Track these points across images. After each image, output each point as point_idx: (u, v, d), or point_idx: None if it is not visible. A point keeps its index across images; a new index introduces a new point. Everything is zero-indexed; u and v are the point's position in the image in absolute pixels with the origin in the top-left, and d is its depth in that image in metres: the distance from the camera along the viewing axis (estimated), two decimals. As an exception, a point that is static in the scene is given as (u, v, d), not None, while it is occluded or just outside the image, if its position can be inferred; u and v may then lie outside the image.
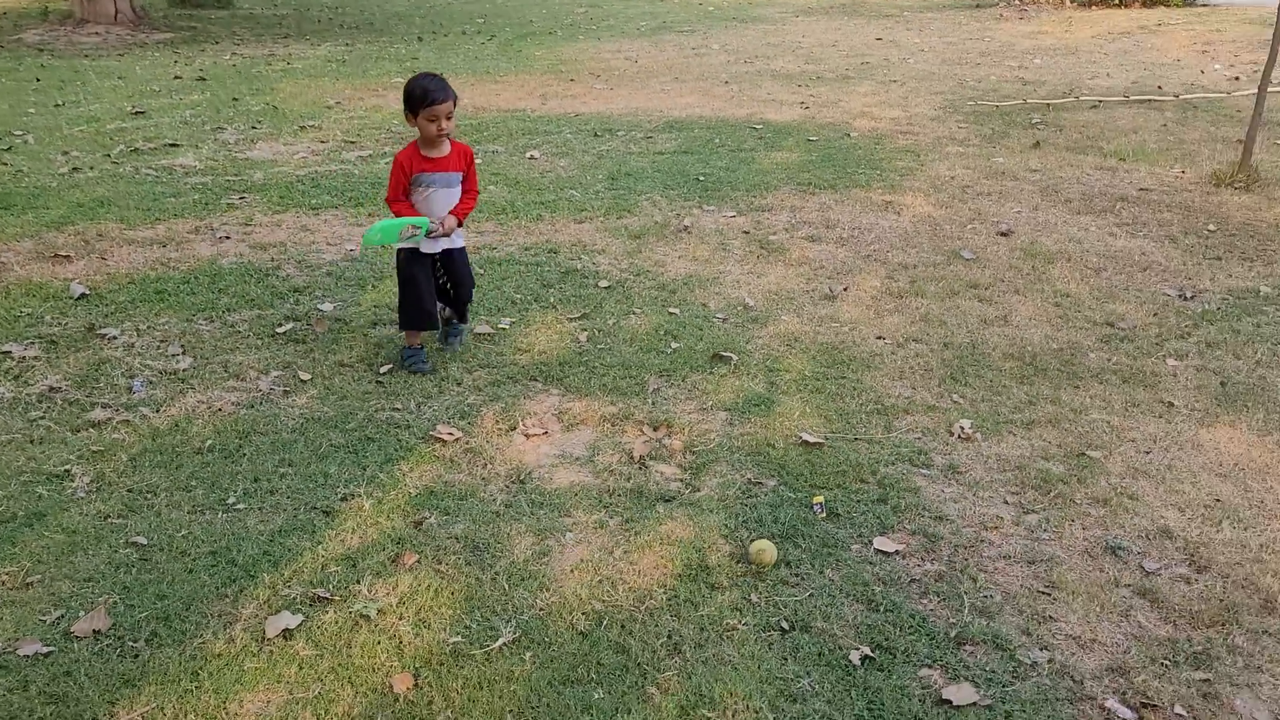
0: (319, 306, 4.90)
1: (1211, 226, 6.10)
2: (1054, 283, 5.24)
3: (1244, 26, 14.71)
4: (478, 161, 4.23)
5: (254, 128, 8.85)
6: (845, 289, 5.16)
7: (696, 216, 6.33)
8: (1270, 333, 4.60)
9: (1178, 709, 2.49)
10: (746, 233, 6.04)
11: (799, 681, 2.56)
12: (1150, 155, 7.92)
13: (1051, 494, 3.37)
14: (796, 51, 13.90)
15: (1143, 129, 8.82)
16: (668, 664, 2.62)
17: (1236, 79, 11.04)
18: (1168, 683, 2.57)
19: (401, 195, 4.14)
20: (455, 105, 4.01)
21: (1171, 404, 3.98)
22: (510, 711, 2.47)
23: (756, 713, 2.46)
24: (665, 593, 2.89)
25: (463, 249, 4.33)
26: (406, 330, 4.32)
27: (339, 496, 3.36)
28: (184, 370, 4.23)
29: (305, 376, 4.20)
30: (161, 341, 4.49)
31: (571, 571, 2.99)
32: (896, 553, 3.07)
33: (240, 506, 3.30)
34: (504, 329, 4.67)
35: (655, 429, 3.79)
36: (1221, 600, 2.86)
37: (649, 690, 2.54)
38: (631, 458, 3.60)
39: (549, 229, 6.13)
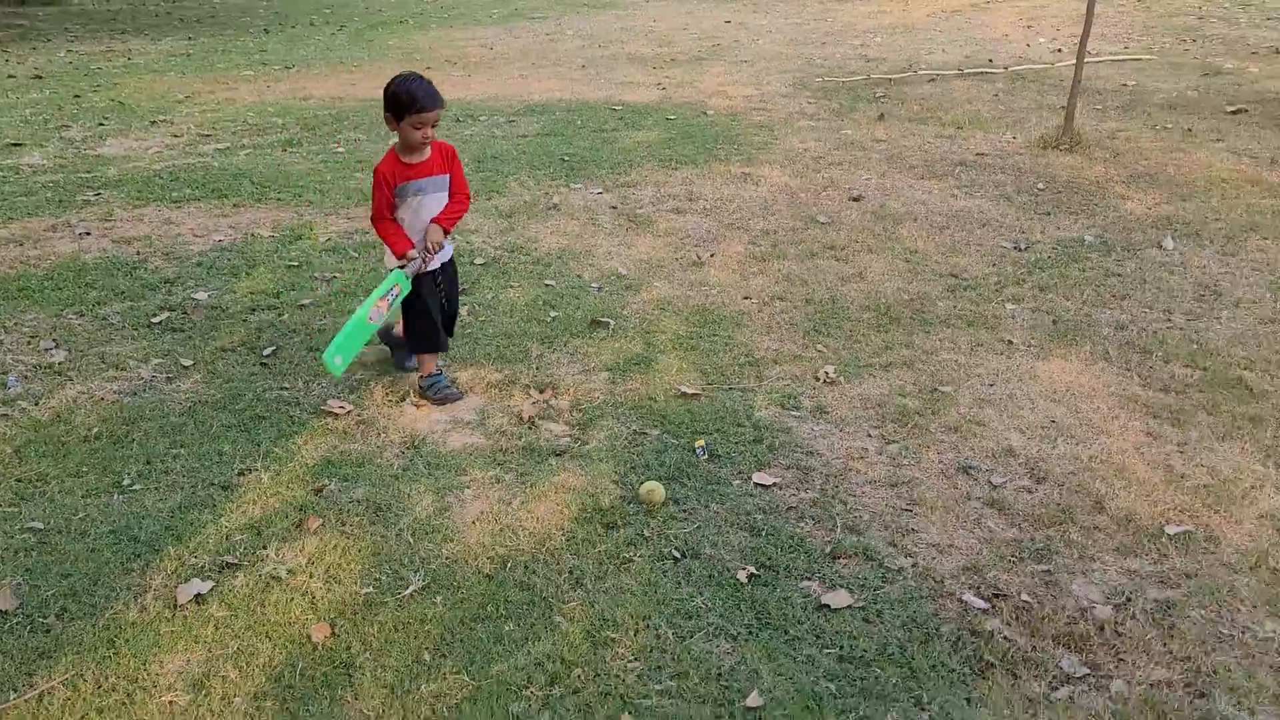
0: (193, 296, 4.89)
1: (1041, 185, 6.61)
2: (903, 241, 5.61)
3: (1065, 2, 15.68)
4: (462, 158, 3.87)
5: (101, 124, 8.60)
6: (712, 255, 5.42)
7: (565, 194, 6.50)
8: (1094, 276, 5.06)
9: (1024, 596, 2.81)
10: (614, 208, 6.25)
11: (693, 601, 2.79)
12: (984, 123, 8.45)
13: (909, 426, 3.69)
14: (649, 35, 14.16)
15: (976, 100, 9.38)
16: (571, 596, 2.81)
17: (1059, 51, 11.81)
18: (1015, 575, 2.90)
19: (387, 212, 3.74)
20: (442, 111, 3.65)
21: (1011, 342, 4.36)
22: (427, 649, 2.62)
23: (656, 630, 2.68)
24: (563, 535, 3.08)
25: (452, 260, 3.99)
26: (422, 355, 3.95)
27: (236, 472, 3.43)
28: (60, 364, 4.19)
29: (187, 363, 4.21)
30: (32, 337, 4.42)
31: (473, 523, 3.15)
32: (774, 485, 3.33)
33: (136, 488, 3.33)
34: (384, 308, 4.75)
35: (542, 391, 3.96)
36: (1059, 504, 3.22)
37: (555, 619, 2.72)
38: (521, 419, 3.77)
39: (420, 212, 6.20)
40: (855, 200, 6.37)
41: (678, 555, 2.99)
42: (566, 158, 7.39)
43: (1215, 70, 10.39)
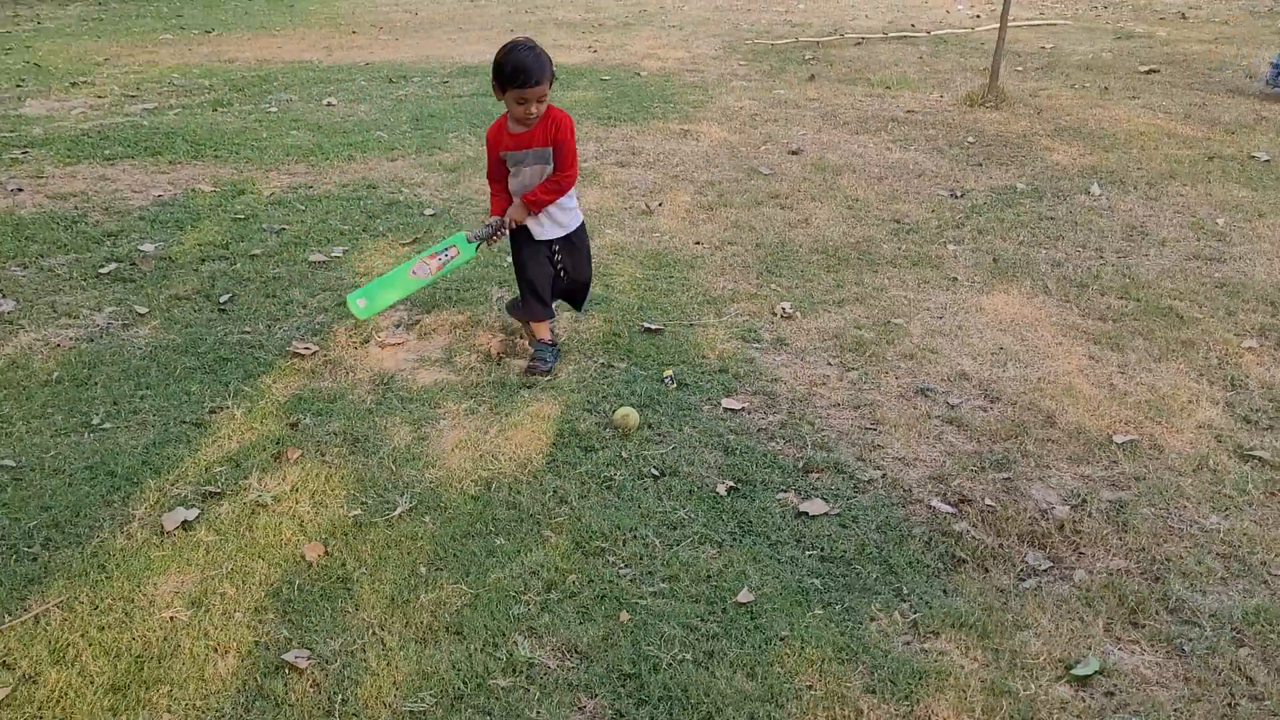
0: (139, 248, 4.81)
1: (970, 139, 6.82)
2: (844, 190, 5.76)
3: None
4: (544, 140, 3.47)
5: (19, 85, 8.34)
6: (660, 205, 5.51)
7: (508, 150, 6.51)
8: (1028, 219, 5.27)
9: (987, 501, 2.97)
10: (558, 162, 6.28)
11: (676, 513, 2.89)
12: (911, 83, 8.66)
13: (867, 354, 3.83)
14: (575, 2, 14.14)
15: (902, 61, 9.60)
16: (558, 512, 2.89)
17: (977, 17, 12.11)
18: (978, 483, 3.05)
19: (494, 175, 3.60)
20: (551, 85, 3.36)
21: (955, 279, 4.54)
22: (422, 563, 2.67)
23: (644, 540, 2.77)
24: (544, 458, 3.15)
25: (580, 230, 3.70)
26: (528, 321, 3.80)
27: (207, 410, 3.42)
28: (9, 313, 4.11)
29: (142, 310, 4.16)
30: (-25, 288, 4.32)
31: (453, 450, 3.20)
32: (743, 409, 3.44)
33: (106, 426, 3.31)
34: (339, 256, 4.75)
35: (508, 332, 4.01)
36: (1013, 420, 3.39)
37: (544, 534, 2.80)
38: (489, 356, 3.81)
39: (363, 168, 6.17)
40: (794, 154, 6.50)
41: (657, 474, 3.08)
42: (506, 116, 7.38)
43: (1127, 34, 10.78)
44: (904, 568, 2.68)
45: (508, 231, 3.61)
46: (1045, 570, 2.70)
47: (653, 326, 4.02)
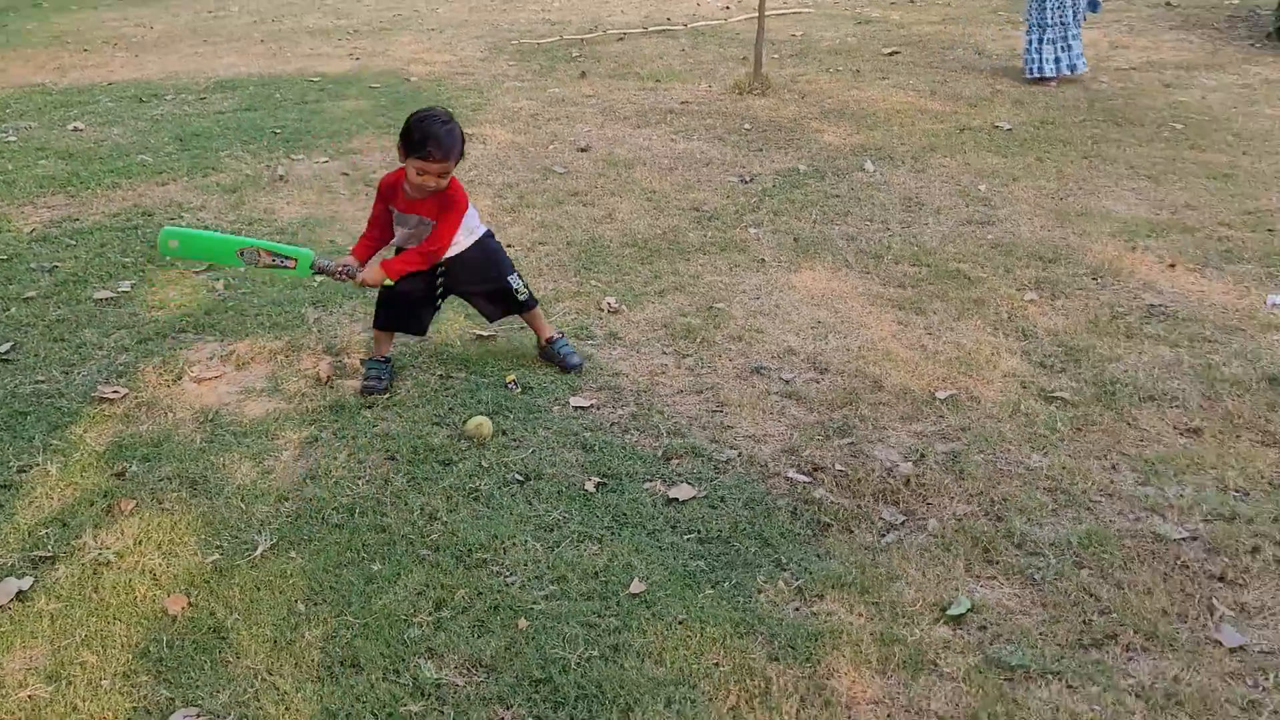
0: (-111, 300, 4.32)
1: (747, 126, 7.11)
2: (640, 184, 5.89)
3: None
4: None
5: None
6: (462, 210, 5.44)
7: (289, 165, 6.26)
8: (816, 198, 5.56)
9: (838, 466, 3.13)
10: (346, 174, 6.10)
11: (550, 514, 2.89)
12: (679, 75, 8.92)
13: (698, 340, 3.95)
14: (323, 9, 13.67)
15: (666, 55, 9.86)
16: (430, 529, 2.83)
17: (727, 8, 12.60)
18: (825, 451, 3.22)
19: (377, 221, 3.52)
20: (458, 163, 3.30)
21: (764, 260, 4.74)
22: (298, 600, 2.56)
23: (524, 545, 2.76)
24: (404, 477, 3.08)
25: (477, 243, 3.60)
26: (374, 325, 3.65)
27: (14, 470, 3.13)
28: None
29: (-91, 369, 3.75)
30: None
31: (305, 481, 3.07)
32: (592, 406, 3.48)
33: (-103, 501, 2.97)
34: (127, 291, 4.43)
35: (333, 353, 3.87)
36: (844, 389, 3.58)
37: (421, 553, 2.74)
38: (319, 380, 3.67)
39: (132, 195, 5.76)
40: (583, 151, 6.57)
41: (522, 479, 3.07)
42: (278, 130, 7.09)
43: (866, 19, 11.50)
44: (777, 539, 2.80)
45: (341, 275, 3.44)
46: (901, 524, 2.89)
47: (484, 333, 3.99)
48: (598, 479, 3.05)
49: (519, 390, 3.57)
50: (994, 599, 2.58)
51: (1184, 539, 2.79)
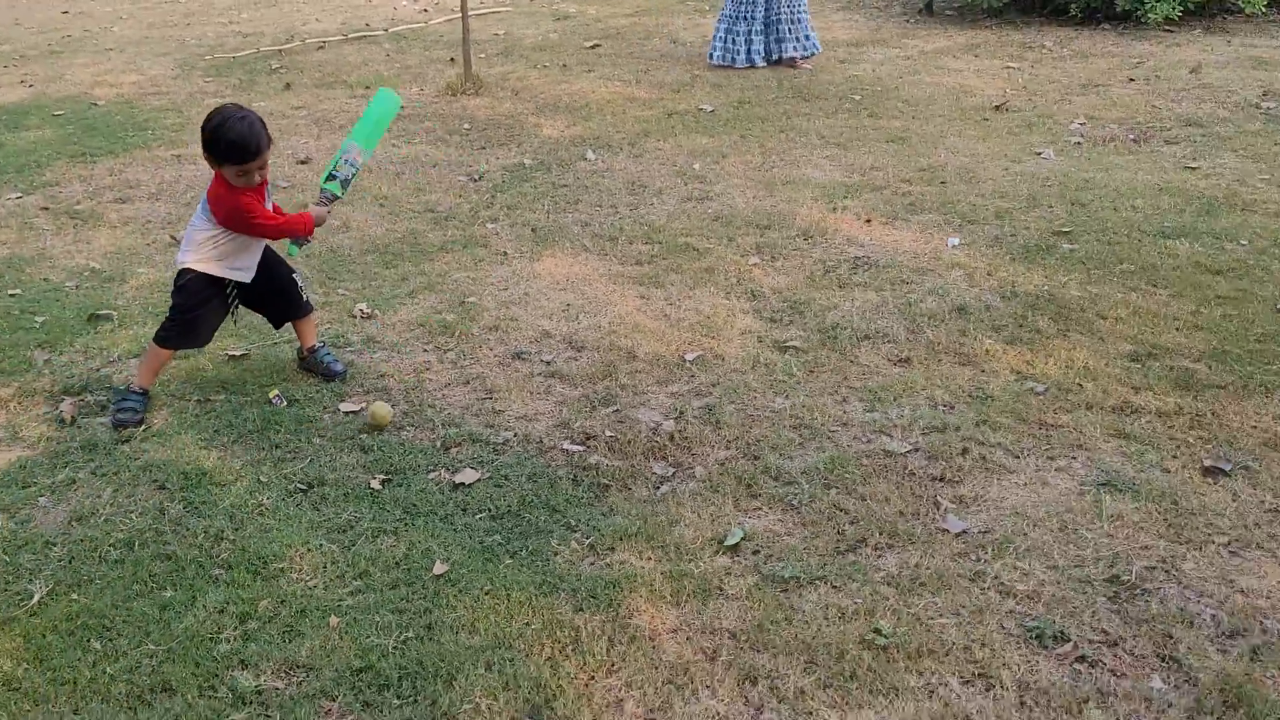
0: None
1: (467, 126, 7.23)
2: (370, 191, 5.88)
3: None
4: None
5: None
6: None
7: (-23, 205, 5.79)
8: (546, 190, 5.78)
9: (608, 433, 3.36)
10: (46, 209, 5.72)
11: (340, 517, 2.94)
12: (388, 81, 8.88)
13: (456, 334, 4.06)
14: (-21, 33, 12.49)
15: (371, 61, 9.78)
16: (218, 550, 2.82)
17: (425, 11, 12.60)
18: (594, 420, 3.44)
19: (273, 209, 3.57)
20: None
21: (506, 253, 4.90)
22: (92, 639, 2.49)
23: (320, 549, 2.80)
24: (179, 503, 3.02)
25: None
26: (163, 346, 3.52)
27: None
28: None
29: None
30: None
31: (71, 523, 2.95)
32: (362, 409, 3.53)
33: None
34: None
35: (72, 394, 3.69)
36: (602, 363, 3.82)
37: (214, 573, 2.73)
38: (65, 421, 3.50)
39: None
40: (303, 163, 6.48)
41: (305, 487, 3.09)
42: (-46, 167, 6.52)
43: (564, 15, 11.85)
44: (564, 505, 2.99)
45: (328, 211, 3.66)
46: (672, 475, 3.15)
47: (236, 353, 3.93)
48: (382, 476, 3.13)
49: (285, 403, 3.56)
50: (762, 526, 2.88)
51: (908, 451, 3.21)
